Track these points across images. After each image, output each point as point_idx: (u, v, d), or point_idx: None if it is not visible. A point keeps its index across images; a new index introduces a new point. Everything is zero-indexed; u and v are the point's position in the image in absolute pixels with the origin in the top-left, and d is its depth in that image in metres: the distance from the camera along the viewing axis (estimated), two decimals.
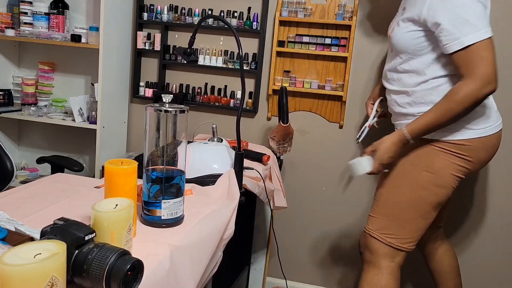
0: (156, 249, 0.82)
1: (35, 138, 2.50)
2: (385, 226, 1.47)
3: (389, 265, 1.48)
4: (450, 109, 1.29)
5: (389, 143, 1.38)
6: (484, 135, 1.39)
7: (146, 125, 0.94)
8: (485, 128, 1.39)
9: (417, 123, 1.34)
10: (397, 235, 1.45)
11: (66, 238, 0.63)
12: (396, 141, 1.38)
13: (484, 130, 1.39)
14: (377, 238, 1.48)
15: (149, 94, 2.28)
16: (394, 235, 1.46)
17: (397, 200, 1.46)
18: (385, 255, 1.47)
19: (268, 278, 2.26)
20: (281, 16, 2.03)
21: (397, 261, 1.48)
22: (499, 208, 2.00)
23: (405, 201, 1.44)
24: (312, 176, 2.17)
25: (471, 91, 1.25)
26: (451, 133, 1.37)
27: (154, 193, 0.93)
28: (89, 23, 2.26)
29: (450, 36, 1.27)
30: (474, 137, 1.37)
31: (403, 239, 1.45)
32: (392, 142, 1.38)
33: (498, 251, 2.03)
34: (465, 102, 1.26)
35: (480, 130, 1.38)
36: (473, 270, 2.06)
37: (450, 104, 1.29)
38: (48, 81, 2.37)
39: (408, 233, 1.45)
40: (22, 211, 0.95)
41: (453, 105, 1.28)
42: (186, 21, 2.18)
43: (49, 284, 0.53)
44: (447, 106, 1.29)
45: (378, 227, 1.49)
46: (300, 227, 2.23)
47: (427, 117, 1.33)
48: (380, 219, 1.49)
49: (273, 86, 2.09)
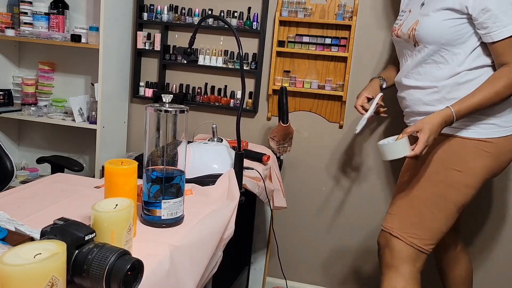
0: (156, 249, 0.82)
1: (35, 138, 2.50)
2: (408, 225, 1.41)
3: (412, 271, 1.39)
4: (496, 93, 1.27)
5: (436, 124, 1.29)
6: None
7: (146, 125, 0.94)
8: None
9: (464, 104, 1.29)
10: (419, 235, 1.39)
11: (66, 238, 0.63)
12: (442, 121, 1.29)
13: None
14: (399, 238, 1.40)
15: (149, 94, 2.28)
16: (416, 235, 1.39)
17: (422, 197, 1.40)
18: (408, 258, 1.39)
19: (268, 278, 2.26)
20: (281, 16, 2.03)
21: (418, 266, 1.41)
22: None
23: (430, 199, 1.39)
24: (312, 176, 2.17)
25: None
26: (484, 130, 1.35)
27: (154, 193, 0.93)
28: (89, 23, 2.25)
29: (500, 23, 1.24)
30: (505, 135, 1.36)
31: (424, 240, 1.39)
32: (439, 123, 1.29)
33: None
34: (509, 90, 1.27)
35: (510, 127, 1.37)
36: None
37: (497, 88, 1.27)
38: (48, 81, 2.37)
39: (430, 233, 1.39)
40: (22, 211, 0.95)
41: (500, 89, 1.27)
42: (186, 21, 2.18)
43: (49, 284, 0.53)
44: (494, 90, 1.27)
45: (400, 225, 1.42)
46: (300, 227, 2.23)
47: (475, 98, 1.29)
48: (402, 216, 1.43)
49: (273, 86, 2.10)
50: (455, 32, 1.33)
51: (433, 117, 1.30)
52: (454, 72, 1.36)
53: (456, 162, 1.37)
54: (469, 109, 1.29)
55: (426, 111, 1.42)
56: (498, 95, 1.27)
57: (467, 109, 1.29)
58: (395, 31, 1.53)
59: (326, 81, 2.07)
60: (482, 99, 1.28)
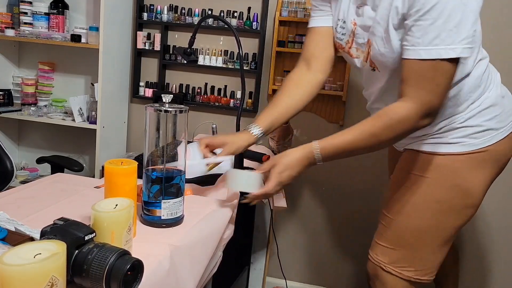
0: (156, 249, 0.82)
1: (35, 138, 2.50)
2: (401, 258, 1.21)
3: None
4: (372, 135, 1.04)
5: (294, 158, 1.08)
6: (509, 133, 1.19)
7: (146, 125, 0.94)
8: (510, 123, 1.20)
9: (333, 142, 1.07)
10: (416, 267, 1.20)
11: (66, 238, 0.63)
12: (302, 156, 1.08)
13: (510, 125, 1.19)
14: (392, 273, 1.22)
15: (149, 94, 2.28)
16: (413, 268, 1.20)
17: (417, 229, 1.20)
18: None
19: (268, 278, 2.26)
20: (281, 16, 2.03)
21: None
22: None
23: (427, 229, 1.19)
24: (312, 176, 2.17)
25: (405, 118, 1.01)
26: (478, 140, 1.15)
27: (154, 193, 0.93)
28: (89, 23, 2.26)
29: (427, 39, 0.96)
30: (503, 137, 1.17)
31: (423, 271, 1.21)
32: (298, 158, 1.08)
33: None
34: (393, 134, 1.03)
35: (507, 127, 1.18)
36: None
37: (375, 128, 1.03)
38: (48, 81, 2.37)
39: (429, 263, 1.21)
40: (22, 211, 0.95)
41: (377, 131, 1.03)
42: (186, 21, 2.17)
43: (49, 284, 0.53)
44: (370, 130, 1.04)
45: (392, 259, 1.22)
46: (300, 227, 2.23)
47: (346, 136, 1.06)
48: (394, 250, 1.22)
49: (273, 86, 2.09)
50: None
51: (294, 151, 1.09)
52: None
53: (452, 184, 1.16)
54: (336, 149, 1.07)
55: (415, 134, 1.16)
56: (375, 137, 1.03)
57: (334, 147, 1.07)
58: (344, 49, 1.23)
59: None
60: (352, 139, 1.05)
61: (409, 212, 1.21)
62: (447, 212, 1.18)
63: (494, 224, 2.02)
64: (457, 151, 1.16)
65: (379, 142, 1.05)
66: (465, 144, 1.16)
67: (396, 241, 1.23)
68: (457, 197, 1.17)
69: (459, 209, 1.18)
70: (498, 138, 1.16)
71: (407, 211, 1.21)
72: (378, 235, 1.29)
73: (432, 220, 1.18)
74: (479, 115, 1.15)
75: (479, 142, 1.15)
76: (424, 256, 1.21)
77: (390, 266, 1.22)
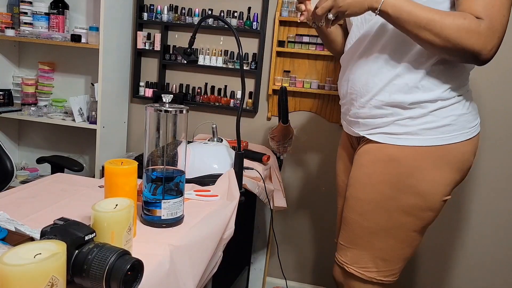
0: (156, 249, 0.82)
1: (35, 138, 2.50)
2: (363, 258, 1.19)
3: None
4: (442, 24, 0.96)
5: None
6: (475, 135, 1.13)
7: (146, 125, 0.94)
8: (476, 125, 1.13)
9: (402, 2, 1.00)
10: (378, 267, 1.18)
11: (66, 238, 0.63)
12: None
13: (475, 128, 1.13)
14: (355, 274, 1.21)
15: (149, 94, 2.28)
16: (374, 268, 1.18)
17: (372, 231, 1.17)
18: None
19: (268, 278, 2.26)
20: (281, 16, 2.03)
21: None
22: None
23: (384, 230, 1.15)
24: (312, 176, 2.17)
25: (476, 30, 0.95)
26: (443, 135, 1.09)
27: (154, 193, 0.93)
28: (89, 23, 2.26)
29: None
30: (468, 138, 1.11)
31: (385, 271, 1.19)
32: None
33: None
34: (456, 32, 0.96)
35: (473, 128, 1.12)
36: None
37: (448, 20, 0.96)
38: (48, 81, 2.37)
39: (390, 264, 1.18)
40: (22, 211, 0.95)
41: (448, 23, 0.96)
42: (186, 21, 2.17)
43: (49, 284, 0.53)
44: (442, 18, 0.97)
45: (353, 259, 1.21)
46: (300, 227, 2.23)
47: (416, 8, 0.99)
48: (354, 249, 1.21)
49: (273, 86, 2.10)
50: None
51: None
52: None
53: (409, 181, 1.10)
54: (401, 10, 0.99)
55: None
56: (441, 29, 0.96)
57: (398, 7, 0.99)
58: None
59: (326, 81, 2.07)
60: (419, 14, 0.98)
61: (365, 214, 1.18)
62: (403, 215, 1.13)
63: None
64: (418, 144, 1.09)
65: (439, 34, 0.97)
66: (428, 138, 1.09)
67: (354, 241, 1.21)
68: (413, 199, 1.11)
69: (416, 212, 1.12)
70: (464, 138, 1.10)
71: (361, 212, 1.18)
72: (339, 234, 1.28)
73: (387, 223, 1.14)
74: (452, 107, 1.09)
75: (444, 138, 1.09)
76: (386, 256, 1.17)
77: (353, 266, 1.21)
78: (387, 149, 1.14)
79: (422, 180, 1.10)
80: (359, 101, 1.18)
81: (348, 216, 1.23)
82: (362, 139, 1.24)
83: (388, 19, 1.04)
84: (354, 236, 1.21)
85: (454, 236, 2.06)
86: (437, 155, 1.09)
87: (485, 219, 2.02)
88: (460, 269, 2.09)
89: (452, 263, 2.09)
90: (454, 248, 2.07)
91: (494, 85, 1.89)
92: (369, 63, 1.15)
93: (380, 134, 1.16)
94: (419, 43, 1.04)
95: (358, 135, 1.24)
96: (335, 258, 1.28)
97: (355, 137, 1.30)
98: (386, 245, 1.17)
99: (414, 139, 1.10)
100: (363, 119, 1.19)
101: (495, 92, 1.90)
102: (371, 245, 1.18)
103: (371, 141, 1.18)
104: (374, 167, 1.16)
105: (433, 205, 1.12)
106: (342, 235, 1.26)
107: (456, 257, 2.08)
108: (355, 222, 1.20)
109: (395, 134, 1.13)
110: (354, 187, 1.22)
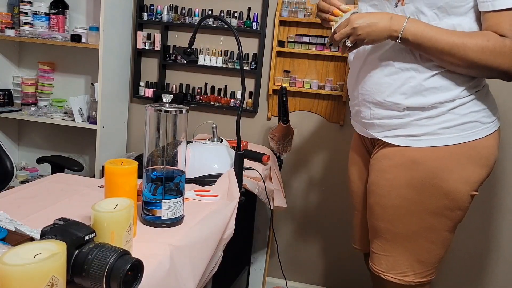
0: (156, 249, 0.82)
1: (35, 138, 2.50)
2: (398, 264, 1.18)
3: None
4: (465, 46, 0.97)
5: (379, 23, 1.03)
6: (496, 128, 1.11)
7: (146, 125, 0.94)
8: (496, 119, 1.12)
9: (422, 26, 1.01)
10: (415, 270, 1.17)
11: (66, 238, 0.63)
12: (386, 26, 1.03)
13: (496, 122, 1.11)
14: (392, 281, 1.19)
15: (149, 94, 2.28)
16: (411, 272, 1.18)
17: (404, 236, 1.16)
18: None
19: (268, 278, 2.26)
20: (281, 16, 2.03)
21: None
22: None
23: (414, 235, 1.15)
24: (312, 176, 2.17)
25: (501, 50, 0.96)
26: (465, 132, 1.07)
27: (153, 192, 0.93)
28: (89, 23, 2.26)
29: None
30: (490, 132, 1.09)
31: (422, 273, 1.18)
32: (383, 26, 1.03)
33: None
34: (480, 55, 0.97)
35: (494, 123, 1.10)
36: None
37: (471, 41, 0.97)
38: (48, 81, 2.37)
39: (427, 265, 1.17)
40: (22, 211, 0.95)
41: (472, 46, 0.97)
42: (186, 21, 2.18)
43: (49, 284, 0.53)
44: (464, 42, 0.98)
45: (389, 266, 1.19)
46: (300, 227, 2.23)
47: (439, 34, 1.00)
48: (389, 256, 1.19)
49: (273, 86, 2.10)
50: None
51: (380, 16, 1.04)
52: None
53: (434, 183, 1.09)
54: (422, 37, 1.01)
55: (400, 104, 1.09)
56: (464, 49, 0.98)
57: (419, 35, 1.01)
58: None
59: (326, 81, 2.07)
60: (443, 39, 0.99)
61: (395, 219, 1.16)
62: (433, 217, 1.12)
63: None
64: (440, 144, 1.08)
65: (463, 58, 0.98)
66: (451, 136, 1.07)
67: (389, 248, 1.19)
68: (441, 200, 1.10)
69: (445, 212, 1.11)
70: (485, 133, 1.08)
71: (391, 218, 1.17)
72: (372, 243, 1.25)
73: (419, 226, 1.14)
74: (471, 104, 1.07)
75: (467, 135, 1.07)
76: (421, 258, 1.17)
77: (389, 274, 1.19)
78: (408, 152, 1.11)
79: (447, 180, 1.08)
80: (373, 102, 1.15)
81: (377, 224, 1.21)
82: (378, 142, 1.21)
83: (409, 46, 1.05)
84: (387, 243, 1.19)
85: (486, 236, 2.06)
86: (460, 153, 1.07)
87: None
88: (493, 271, 2.09)
89: (484, 263, 2.09)
90: (488, 248, 2.07)
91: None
92: (382, 62, 1.13)
93: (399, 137, 1.13)
94: (444, 66, 1.04)
95: (374, 137, 1.20)
96: (370, 265, 1.25)
97: (369, 139, 1.28)
98: (420, 248, 1.16)
99: (434, 140, 1.08)
100: (379, 120, 1.15)
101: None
102: (405, 250, 1.17)
103: (389, 144, 1.15)
104: (396, 171, 1.13)
105: (461, 204, 1.11)
106: (374, 243, 1.23)
107: (488, 258, 2.08)
108: (385, 229, 1.19)
109: (415, 136, 1.10)
110: (378, 194, 1.19)
